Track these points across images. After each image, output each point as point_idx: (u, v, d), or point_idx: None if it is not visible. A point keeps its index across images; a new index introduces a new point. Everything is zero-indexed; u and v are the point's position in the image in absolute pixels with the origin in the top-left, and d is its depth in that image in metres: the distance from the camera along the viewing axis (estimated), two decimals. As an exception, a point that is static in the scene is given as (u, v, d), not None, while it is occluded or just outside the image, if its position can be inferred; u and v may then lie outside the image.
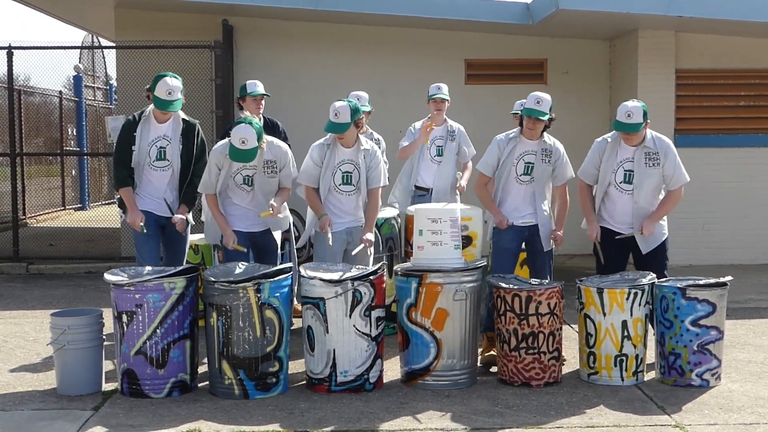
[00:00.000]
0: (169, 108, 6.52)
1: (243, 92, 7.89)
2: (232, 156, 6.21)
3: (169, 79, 6.49)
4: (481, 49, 11.95)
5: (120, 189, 6.65)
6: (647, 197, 6.59)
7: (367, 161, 6.57)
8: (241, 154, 6.18)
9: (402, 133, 8.72)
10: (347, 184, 6.54)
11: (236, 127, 6.21)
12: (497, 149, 6.68)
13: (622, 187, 6.59)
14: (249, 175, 6.39)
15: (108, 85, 21.47)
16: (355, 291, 5.87)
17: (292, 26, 11.80)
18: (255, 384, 5.83)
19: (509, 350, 6.09)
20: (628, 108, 6.43)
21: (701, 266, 10.68)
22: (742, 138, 11.21)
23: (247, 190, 6.42)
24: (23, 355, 7.00)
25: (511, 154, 6.62)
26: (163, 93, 6.47)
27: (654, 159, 6.54)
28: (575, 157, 7.02)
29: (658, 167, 6.55)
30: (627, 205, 6.61)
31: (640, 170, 6.54)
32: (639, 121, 6.42)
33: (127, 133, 6.64)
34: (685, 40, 11.06)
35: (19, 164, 12.02)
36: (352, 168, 6.53)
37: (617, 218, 6.67)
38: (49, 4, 12.90)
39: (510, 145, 6.64)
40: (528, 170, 6.61)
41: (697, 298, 6.03)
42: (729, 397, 5.86)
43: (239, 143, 6.15)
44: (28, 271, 11.04)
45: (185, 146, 6.68)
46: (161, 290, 5.81)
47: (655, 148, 6.55)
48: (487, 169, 6.76)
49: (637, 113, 6.41)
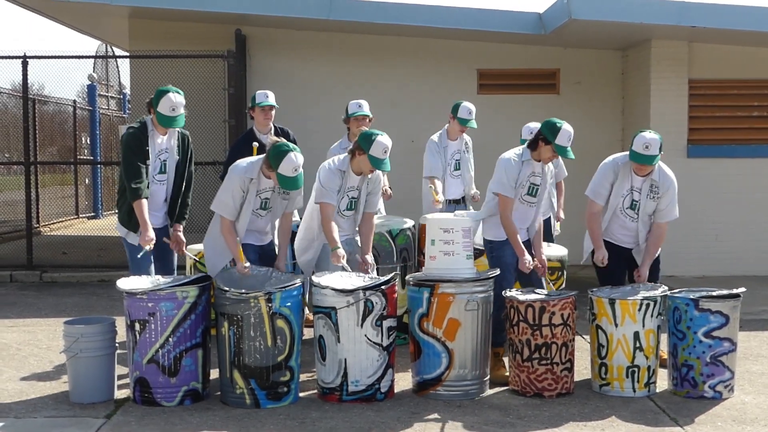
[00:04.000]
0: (172, 125, 6.40)
1: (253, 103, 7.89)
2: (284, 185, 6.11)
3: (173, 95, 6.33)
4: (493, 59, 11.96)
5: (136, 202, 6.35)
6: (646, 224, 6.69)
7: (370, 187, 6.58)
8: (292, 182, 6.10)
9: (415, 143, 8.73)
10: (350, 210, 6.56)
11: (287, 157, 6.01)
12: (516, 170, 6.47)
13: (627, 213, 6.65)
14: (267, 198, 6.33)
15: (121, 94, 21.56)
16: (366, 301, 5.87)
17: (304, 36, 11.84)
18: (266, 393, 5.84)
19: (522, 361, 6.08)
20: (646, 140, 6.39)
21: (714, 277, 10.63)
22: (755, 148, 11.16)
23: (262, 215, 6.38)
24: (36, 363, 7.02)
25: (522, 176, 6.51)
26: (167, 110, 6.32)
27: (655, 192, 6.60)
28: (587, 167, 7.03)
29: (656, 200, 6.61)
30: (632, 229, 6.69)
31: (643, 201, 6.61)
32: (656, 154, 6.40)
33: (140, 146, 6.41)
34: (698, 50, 11.03)
35: (33, 173, 12.09)
36: (357, 194, 6.54)
37: (620, 238, 6.76)
38: (64, 13, 12.98)
39: (524, 169, 6.49)
40: (532, 191, 6.58)
41: (710, 309, 6.01)
42: (742, 409, 5.84)
43: (292, 172, 6.05)
44: (42, 279, 11.08)
45: (181, 158, 6.60)
46: (174, 299, 5.82)
47: (659, 181, 6.59)
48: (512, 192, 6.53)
49: (654, 145, 6.38)
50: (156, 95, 6.39)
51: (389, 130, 8.69)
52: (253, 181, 6.19)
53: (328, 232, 6.28)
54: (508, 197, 6.46)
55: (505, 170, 6.48)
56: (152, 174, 6.48)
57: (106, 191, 19.49)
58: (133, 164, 6.38)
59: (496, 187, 6.51)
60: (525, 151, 6.54)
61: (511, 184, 6.45)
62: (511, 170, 6.46)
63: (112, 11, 11.56)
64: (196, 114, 6.76)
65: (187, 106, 6.51)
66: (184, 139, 6.64)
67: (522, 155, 6.52)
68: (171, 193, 6.61)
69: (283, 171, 6.05)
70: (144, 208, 6.35)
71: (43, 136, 16.26)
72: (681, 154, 10.79)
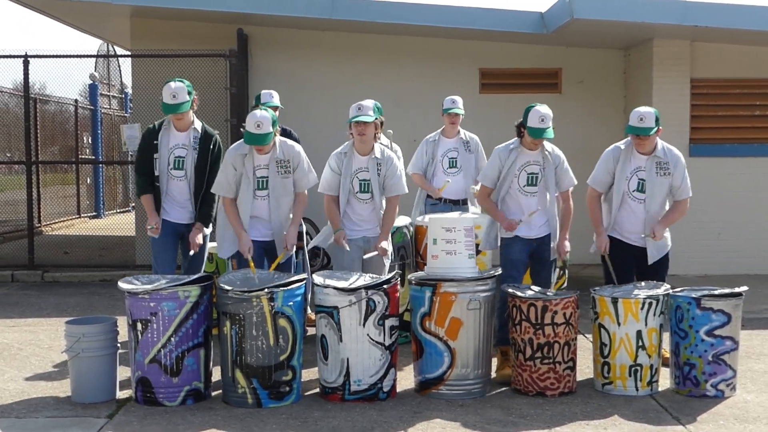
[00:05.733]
0: (173, 111, 6.49)
1: (257, 102, 7.93)
2: (247, 140, 6.23)
3: (172, 83, 6.48)
4: (495, 58, 11.95)
5: (142, 196, 6.71)
6: (658, 206, 6.63)
7: (383, 170, 6.59)
8: (256, 138, 6.20)
9: (417, 142, 8.72)
10: (365, 192, 6.58)
11: (252, 113, 6.24)
12: (498, 160, 6.59)
13: (635, 195, 6.60)
14: (264, 176, 6.38)
15: (123, 93, 21.57)
16: (368, 300, 5.87)
17: (306, 35, 11.84)
18: (268, 393, 5.83)
19: (524, 360, 6.07)
20: (640, 113, 6.47)
21: (716, 276, 10.64)
22: (757, 147, 11.16)
23: (262, 196, 6.41)
24: (38, 363, 7.02)
25: (513, 165, 6.55)
26: (167, 97, 6.46)
27: (665, 168, 6.58)
28: (589, 166, 7.01)
29: (668, 176, 6.59)
30: (639, 214, 6.63)
31: (651, 179, 6.57)
32: (651, 125, 6.43)
33: (146, 142, 6.68)
34: (700, 49, 11.03)
35: (34, 172, 12.09)
36: (368, 176, 6.56)
37: (629, 228, 6.69)
38: (66, 13, 12.98)
39: (512, 157, 6.55)
40: (532, 181, 6.57)
41: (712, 308, 6.01)
42: (744, 408, 5.83)
43: (254, 127, 6.18)
44: (43, 279, 11.08)
45: (200, 155, 6.66)
46: (176, 298, 5.82)
47: (665, 158, 6.59)
48: (487, 181, 6.70)
49: (649, 117, 6.43)
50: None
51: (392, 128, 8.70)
52: (246, 157, 6.33)
53: (330, 217, 6.60)
54: (484, 186, 6.71)
55: (489, 160, 6.72)
56: (166, 168, 6.63)
57: (108, 191, 19.51)
58: (138, 161, 6.75)
59: (479, 175, 6.76)
60: (516, 140, 6.62)
61: (492, 173, 6.63)
62: (493, 159, 6.65)
63: (113, 10, 11.56)
64: (198, 113, 6.78)
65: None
66: (207, 138, 6.71)
67: (512, 143, 6.61)
68: (194, 191, 6.70)
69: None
70: (149, 201, 6.65)
71: (45, 135, 16.27)
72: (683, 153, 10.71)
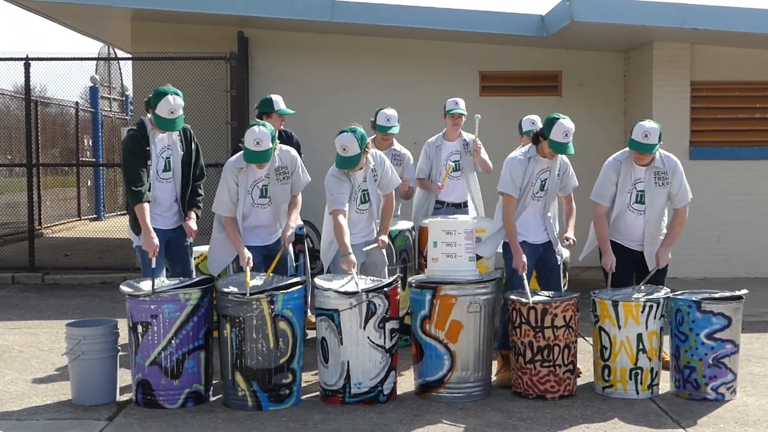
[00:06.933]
0: (170, 128, 6.34)
1: (268, 108, 7.63)
2: (247, 157, 6.17)
3: (171, 98, 6.25)
4: (495, 61, 11.97)
5: (137, 205, 6.30)
6: (657, 216, 6.62)
7: (378, 173, 6.60)
8: (256, 156, 6.14)
9: (417, 144, 8.72)
10: (364, 203, 6.58)
11: (250, 130, 6.15)
12: (521, 168, 6.42)
13: (634, 207, 6.60)
14: (266, 185, 6.36)
15: (124, 96, 21.58)
16: (369, 303, 5.87)
17: (307, 38, 11.85)
18: (268, 395, 5.84)
19: (524, 363, 6.07)
20: (645, 128, 6.39)
21: (716, 279, 10.64)
22: (757, 150, 11.16)
23: (264, 205, 6.40)
24: (39, 365, 7.02)
25: (532, 173, 6.48)
26: (165, 112, 6.25)
27: (663, 178, 6.56)
28: (589, 169, 7.03)
29: (667, 186, 6.58)
30: (639, 225, 6.64)
31: (650, 190, 6.56)
32: (655, 142, 6.40)
33: (138, 149, 6.36)
34: (700, 52, 11.04)
35: (35, 175, 12.09)
36: (367, 187, 6.57)
37: (627, 235, 6.70)
38: (67, 15, 12.98)
39: (531, 166, 6.44)
40: (544, 186, 6.53)
41: (712, 311, 6.01)
42: (745, 411, 5.83)
43: (254, 145, 6.11)
44: (44, 281, 11.09)
45: (185, 152, 6.57)
46: (176, 301, 5.83)
47: (664, 167, 6.57)
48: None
49: (653, 134, 6.38)
50: (154, 96, 6.30)
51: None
52: (243, 171, 6.26)
53: (339, 238, 6.31)
54: (511, 196, 6.43)
55: (510, 169, 6.45)
56: (156, 173, 6.45)
57: (108, 193, 19.51)
58: (132, 167, 6.34)
59: (500, 185, 6.50)
60: (531, 148, 6.51)
61: (516, 183, 6.41)
62: (516, 168, 6.42)
63: (114, 13, 11.58)
64: (198, 116, 6.77)
65: (189, 108, 6.50)
66: (185, 132, 6.59)
67: (528, 152, 6.49)
68: (180, 190, 6.58)
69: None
70: (146, 212, 6.29)
71: (46, 138, 16.27)
72: (683, 156, 10.74)
